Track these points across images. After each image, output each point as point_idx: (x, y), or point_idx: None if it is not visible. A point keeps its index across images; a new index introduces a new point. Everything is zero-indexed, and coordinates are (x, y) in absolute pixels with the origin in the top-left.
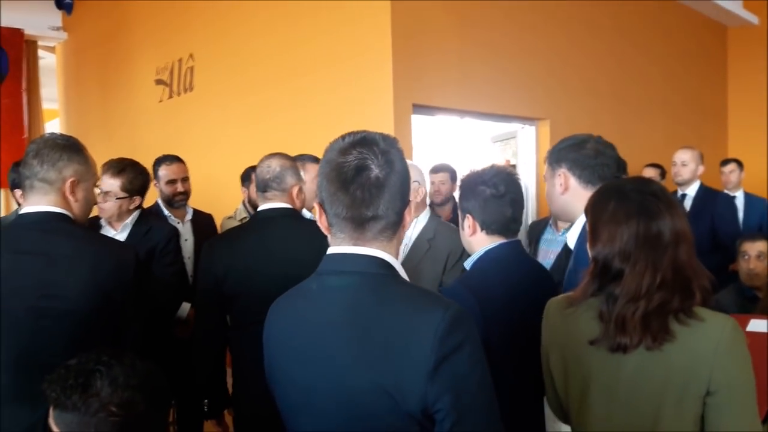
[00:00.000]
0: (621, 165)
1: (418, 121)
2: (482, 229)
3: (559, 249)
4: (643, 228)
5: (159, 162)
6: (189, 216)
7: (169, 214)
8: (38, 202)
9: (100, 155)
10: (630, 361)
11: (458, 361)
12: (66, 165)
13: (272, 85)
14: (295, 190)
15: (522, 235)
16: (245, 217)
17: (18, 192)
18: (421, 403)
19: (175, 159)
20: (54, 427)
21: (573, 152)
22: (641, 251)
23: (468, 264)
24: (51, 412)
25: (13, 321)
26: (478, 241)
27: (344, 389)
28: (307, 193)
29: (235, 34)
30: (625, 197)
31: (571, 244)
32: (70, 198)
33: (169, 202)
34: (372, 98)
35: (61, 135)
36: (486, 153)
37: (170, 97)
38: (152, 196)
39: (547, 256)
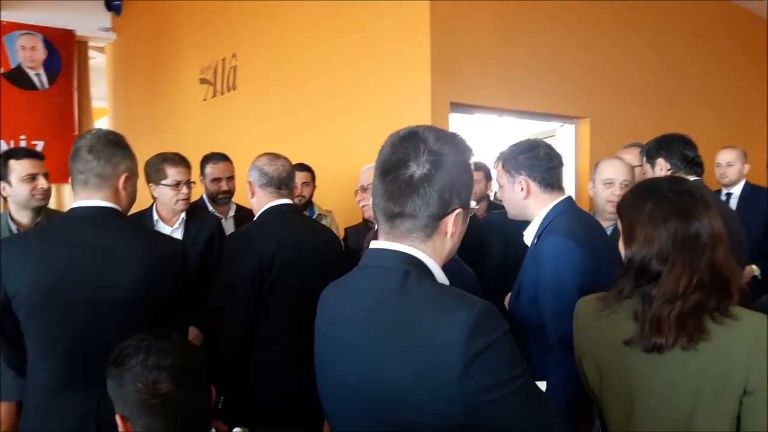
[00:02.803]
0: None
1: (455, 119)
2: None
3: None
4: (681, 229)
5: (206, 159)
6: (232, 212)
7: (213, 210)
8: (91, 197)
9: (146, 152)
10: (665, 361)
11: (490, 361)
12: (120, 161)
13: (312, 84)
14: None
15: None
16: None
17: (2, 185)
18: (455, 404)
19: (222, 158)
20: None
21: (530, 159)
22: (679, 253)
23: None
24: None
25: (69, 311)
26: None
27: (371, 388)
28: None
29: (276, 34)
30: (662, 197)
31: (528, 241)
32: (122, 193)
33: (213, 198)
34: (409, 96)
35: (110, 131)
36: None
37: (214, 95)
38: (197, 191)
39: None
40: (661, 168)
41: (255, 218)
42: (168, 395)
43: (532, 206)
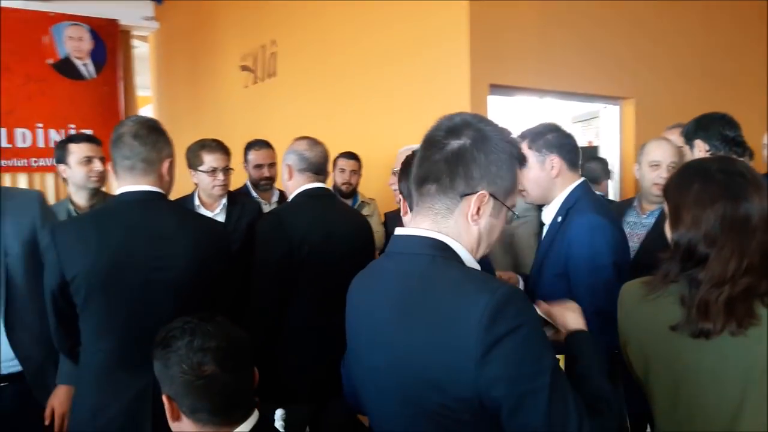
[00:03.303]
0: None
1: (495, 102)
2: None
3: (644, 232)
4: (730, 211)
5: (249, 146)
6: (275, 198)
7: (257, 196)
8: (138, 182)
9: (189, 139)
10: (713, 347)
11: (510, 347)
12: (163, 146)
13: (351, 69)
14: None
15: None
16: None
17: (62, 167)
18: (472, 391)
19: (264, 144)
20: None
21: (559, 138)
22: (728, 235)
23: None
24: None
25: (126, 292)
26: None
27: (399, 372)
28: None
29: (315, 19)
30: (710, 178)
31: (546, 220)
32: (165, 178)
33: (256, 185)
34: (448, 78)
35: (149, 117)
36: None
37: (255, 82)
38: (242, 178)
39: (631, 239)
40: (700, 149)
41: (289, 200)
42: (212, 376)
43: (558, 186)
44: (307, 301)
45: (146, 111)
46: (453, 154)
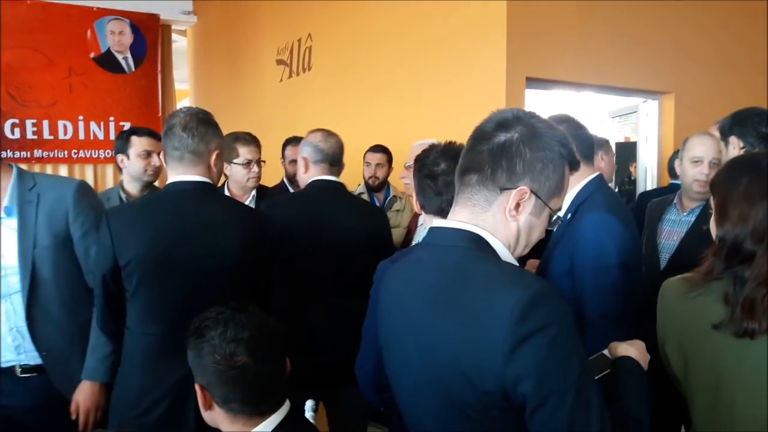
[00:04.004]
0: None
1: (531, 95)
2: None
3: (684, 230)
4: None
5: (287, 142)
6: None
7: (293, 192)
8: (187, 173)
9: (226, 132)
10: (757, 347)
11: (539, 345)
12: (212, 138)
13: (386, 63)
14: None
15: None
16: (362, 194)
17: (120, 157)
18: (499, 386)
19: (299, 140)
20: None
21: (572, 129)
22: None
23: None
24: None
25: (178, 278)
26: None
27: (432, 364)
28: None
29: (350, 13)
30: (759, 173)
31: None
32: (213, 169)
33: (292, 180)
34: (484, 71)
35: (201, 109)
36: (603, 129)
37: (290, 76)
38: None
39: (670, 236)
40: (734, 146)
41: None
42: (245, 367)
43: (571, 180)
44: (288, 293)
45: (184, 104)
46: (498, 147)
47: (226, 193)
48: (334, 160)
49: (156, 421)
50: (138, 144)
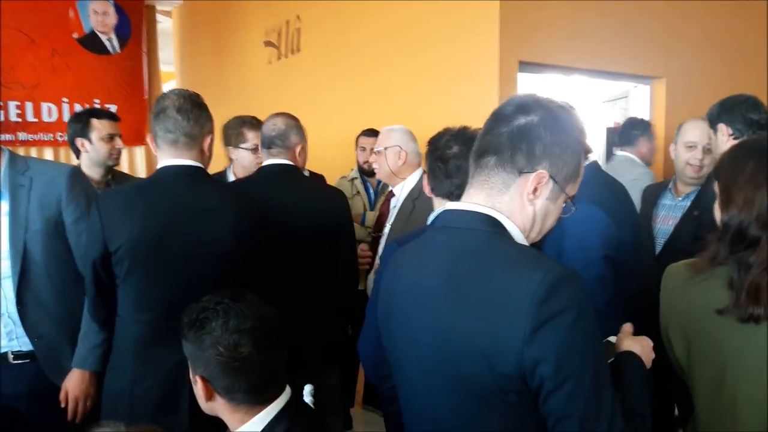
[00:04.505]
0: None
1: (524, 79)
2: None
3: (679, 215)
4: None
5: None
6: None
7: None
8: (180, 156)
9: (213, 115)
10: (762, 332)
11: (559, 328)
12: (206, 122)
13: (377, 45)
14: (297, 149)
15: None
16: (356, 178)
17: (80, 141)
18: (517, 368)
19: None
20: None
21: None
22: None
23: None
24: (182, 339)
25: (169, 265)
26: None
27: (446, 346)
28: None
29: None
30: (765, 157)
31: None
32: (206, 153)
33: None
34: (477, 55)
35: (192, 92)
36: (595, 114)
37: (279, 58)
38: None
39: (666, 221)
40: (723, 134)
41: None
42: (249, 357)
43: None
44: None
45: (170, 86)
46: (518, 129)
47: (231, 177)
48: (269, 142)
49: (150, 410)
50: (100, 127)
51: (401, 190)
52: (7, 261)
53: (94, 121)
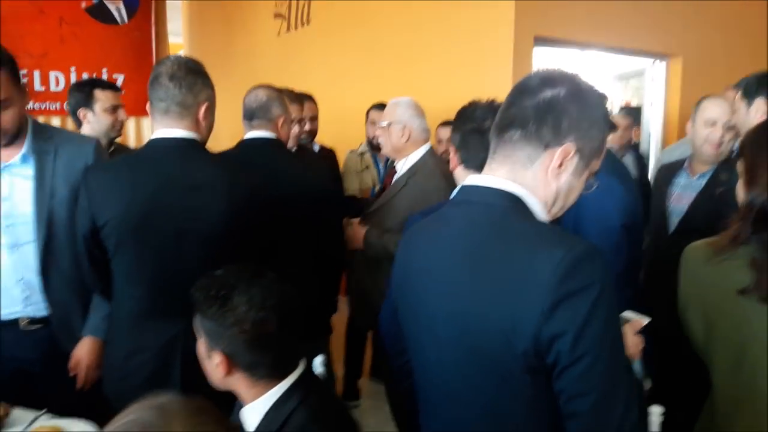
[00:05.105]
0: None
1: (538, 53)
2: None
3: (694, 194)
4: None
5: (291, 99)
6: (315, 150)
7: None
8: (172, 126)
9: (221, 87)
10: None
11: (580, 304)
12: (201, 89)
13: (387, 18)
14: (280, 121)
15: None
16: (365, 152)
17: (83, 111)
18: (533, 343)
19: (306, 97)
20: (197, 329)
21: None
22: None
23: None
24: (196, 314)
25: (157, 241)
26: None
27: (463, 321)
28: None
29: None
30: None
31: None
32: (202, 123)
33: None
34: (491, 29)
35: (190, 58)
36: (608, 91)
37: (287, 30)
38: None
39: (680, 200)
40: (758, 109)
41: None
42: (273, 333)
43: None
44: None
45: None
46: (544, 102)
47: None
48: (251, 113)
49: (141, 383)
50: (104, 98)
51: (402, 166)
52: (27, 226)
53: (98, 92)
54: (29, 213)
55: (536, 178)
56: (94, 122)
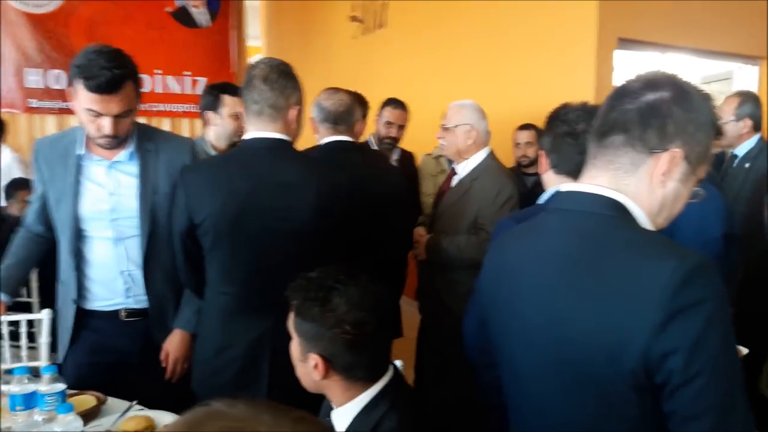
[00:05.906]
0: None
1: (620, 56)
2: None
3: None
4: None
5: (386, 103)
6: (396, 156)
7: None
8: (265, 128)
9: None
10: None
11: (694, 319)
12: (292, 92)
13: (465, 20)
14: (357, 125)
15: None
16: (441, 156)
17: (210, 114)
18: (642, 361)
19: (400, 104)
20: (292, 331)
21: None
22: None
23: None
24: (292, 317)
25: (250, 239)
26: None
27: (562, 334)
28: None
29: None
30: None
31: None
32: (292, 125)
33: (380, 140)
34: (574, 31)
35: (281, 61)
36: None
37: (364, 33)
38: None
39: None
40: None
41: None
42: (373, 334)
43: None
44: None
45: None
46: (648, 105)
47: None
48: (337, 118)
49: (230, 379)
50: (231, 104)
51: (464, 169)
52: (132, 221)
53: (226, 98)
54: (134, 208)
55: (640, 185)
56: (219, 125)
